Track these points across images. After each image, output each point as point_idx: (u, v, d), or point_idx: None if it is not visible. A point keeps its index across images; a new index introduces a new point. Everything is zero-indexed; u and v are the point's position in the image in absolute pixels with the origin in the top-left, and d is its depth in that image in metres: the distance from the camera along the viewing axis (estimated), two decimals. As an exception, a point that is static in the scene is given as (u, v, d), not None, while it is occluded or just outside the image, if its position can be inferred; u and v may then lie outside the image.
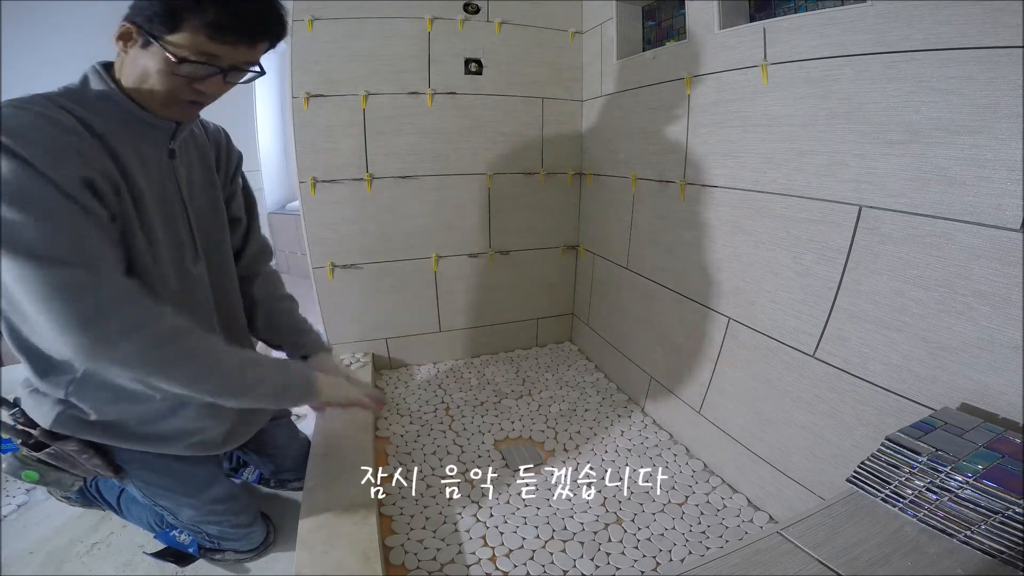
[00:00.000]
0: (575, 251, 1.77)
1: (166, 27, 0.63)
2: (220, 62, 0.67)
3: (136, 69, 0.67)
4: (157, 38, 0.64)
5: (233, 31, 0.65)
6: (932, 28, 0.66)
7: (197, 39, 0.64)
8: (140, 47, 0.66)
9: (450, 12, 1.42)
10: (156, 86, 0.67)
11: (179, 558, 0.93)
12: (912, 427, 0.61)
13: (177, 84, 0.68)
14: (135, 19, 0.65)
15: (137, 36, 0.65)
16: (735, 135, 1.01)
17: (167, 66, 0.65)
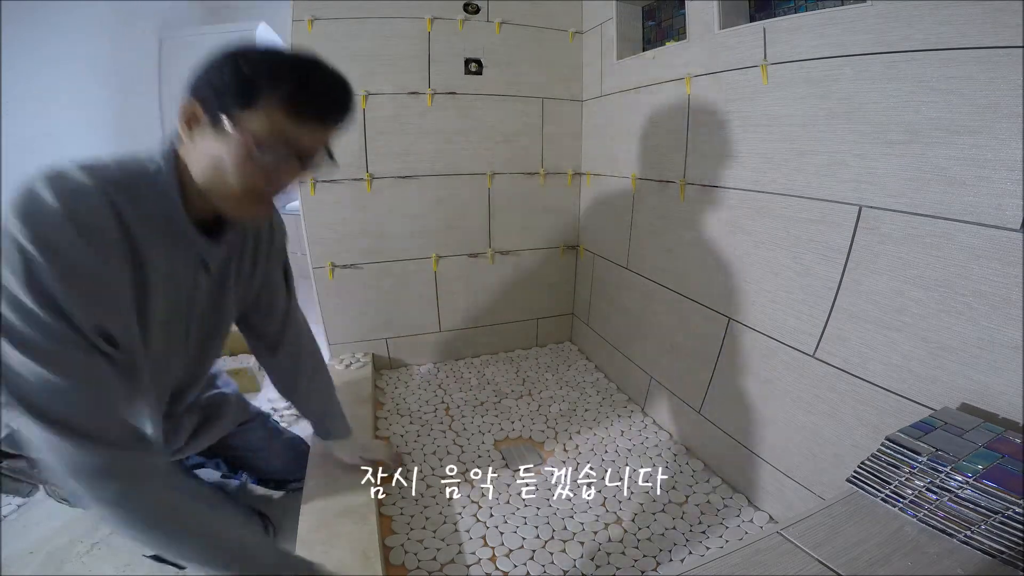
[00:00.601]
0: (575, 251, 1.77)
1: (239, 103, 0.56)
2: (298, 149, 0.60)
3: (205, 159, 0.60)
4: (230, 115, 0.57)
5: (312, 106, 0.59)
6: (932, 28, 0.66)
7: (275, 119, 0.57)
8: (210, 131, 0.58)
9: (450, 12, 1.42)
10: (232, 179, 0.59)
11: (179, 558, 0.93)
12: (912, 427, 0.61)
13: (254, 175, 0.60)
14: (202, 97, 0.58)
15: (205, 116, 0.58)
16: (735, 135, 1.01)
17: (245, 152, 0.58)
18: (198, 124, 0.59)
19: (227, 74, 0.56)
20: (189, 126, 0.59)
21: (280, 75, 0.57)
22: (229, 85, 0.56)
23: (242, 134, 0.57)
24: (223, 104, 0.57)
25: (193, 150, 0.60)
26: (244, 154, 0.58)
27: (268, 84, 0.56)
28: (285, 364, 0.96)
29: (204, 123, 0.58)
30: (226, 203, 0.63)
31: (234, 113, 0.57)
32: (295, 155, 0.61)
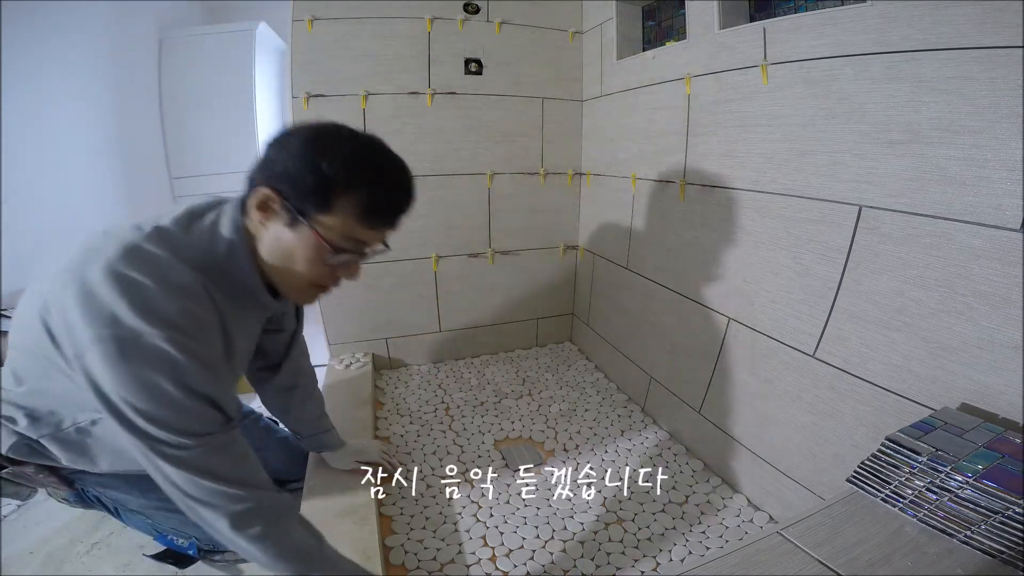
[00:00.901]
0: (575, 251, 1.77)
1: (317, 207, 0.59)
2: (363, 247, 0.65)
3: (279, 248, 0.62)
4: (308, 218, 0.59)
5: (384, 213, 0.64)
6: (932, 28, 0.66)
7: (347, 223, 0.61)
8: (284, 224, 0.61)
9: (450, 12, 1.42)
10: (302, 271, 0.63)
11: (178, 559, 0.93)
12: (912, 427, 0.61)
13: (323, 271, 0.64)
14: (279, 188, 0.59)
15: (281, 210, 0.60)
16: (735, 135, 1.00)
17: (318, 252, 0.61)
18: (273, 213, 0.61)
19: (307, 174, 0.58)
20: (264, 213, 0.61)
21: (358, 182, 0.60)
22: (310, 187, 0.58)
23: (317, 237, 0.60)
24: (301, 204, 0.59)
25: (266, 234, 0.63)
26: (317, 255, 0.61)
27: (346, 191, 0.59)
28: (284, 382, 0.97)
29: (279, 214, 0.60)
30: (289, 289, 0.68)
31: (311, 214, 0.59)
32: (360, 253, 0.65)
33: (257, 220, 0.62)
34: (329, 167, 0.58)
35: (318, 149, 0.59)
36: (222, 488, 0.58)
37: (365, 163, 0.61)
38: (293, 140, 0.61)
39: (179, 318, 0.55)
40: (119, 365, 0.52)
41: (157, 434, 0.55)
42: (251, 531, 0.60)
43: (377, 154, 0.64)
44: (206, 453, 0.58)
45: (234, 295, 0.64)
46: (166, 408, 0.54)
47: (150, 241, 0.58)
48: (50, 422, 0.70)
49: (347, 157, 0.60)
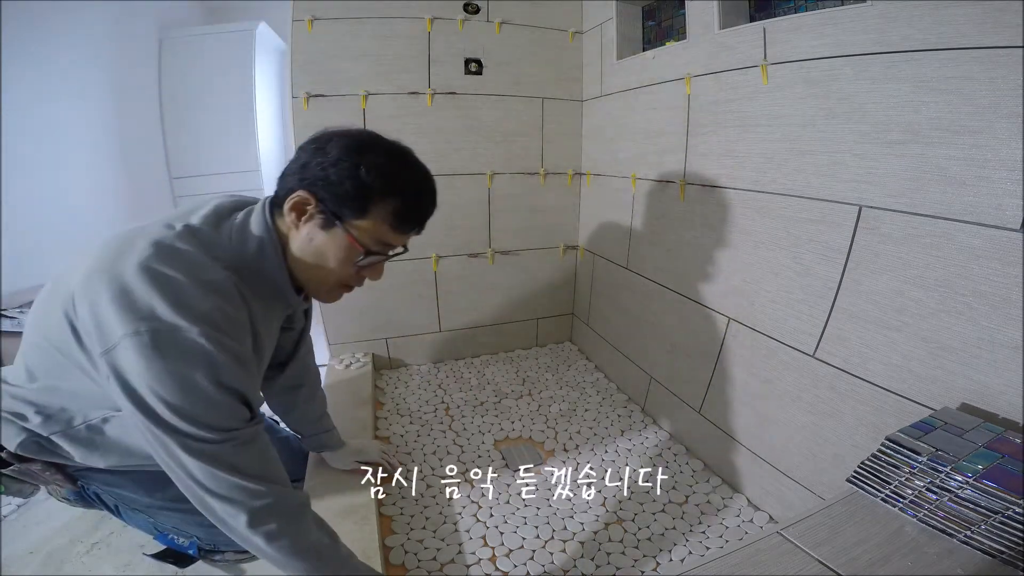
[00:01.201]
0: (575, 251, 1.77)
1: (354, 212, 0.63)
2: (389, 249, 0.68)
3: (311, 248, 0.65)
4: (343, 222, 0.63)
5: (413, 220, 0.67)
6: (932, 28, 0.66)
7: (380, 228, 0.64)
8: (319, 226, 0.64)
9: (450, 12, 1.42)
10: (331, 271, 0.67)
11: (179, 559, 0.93)
12: (912, 427, 0.61)
13: (350, 271, 0.68)
14: (317, 193, 0.62)
15: (316, 213, 0.63)
16: (735, 135, 1.01)
17: (350, 254, 0.65)
18: (308, 216, 0.64)
19: (347, 181, 0.61)
20: (298, 215, 0.64)
21: (394, 191, 0.64)
22: (349, 194, 0.62)
23: (352, 240, 0.64)
24: (338, 208, 0.63)
25: (297, 235, 0.65)
26: (348, 257, 0.65)
27: (382, 199, 0.63)
28: (290, 381, 0.97)
29: (314, 216, 0.63)
30: (317, 287, 0.71)
31: (347, 219, 0.63)
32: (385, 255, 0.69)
33: (291, 221, 0.64)
34: (368, 175, 0.62)
35: (358, 158, 0.62)
36: (243, 483, 0.59)
37: (401, 173, 0.65)
38: (332, 147, 0.63)
39: (214, 314, 0.56)
40: (155, 359, 0.53)
41: (184, 428, 0.56)
42: (267, 528, 0.61)
43: (411, 164, 0.67)
44: (232, 448, 0.58)
45: (262, 293, 0.66)
46: (198, 402, 0.55)
47: (181, 239, 0.60)
48: (61, 419, 0.70)
49: (385, 167, 0.63)
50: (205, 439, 0.57)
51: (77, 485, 0.85)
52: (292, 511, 0.64)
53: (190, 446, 0.57)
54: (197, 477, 0.58)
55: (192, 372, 0.54)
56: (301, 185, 0.63)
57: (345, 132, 0.66)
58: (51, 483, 0.82)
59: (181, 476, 0.59)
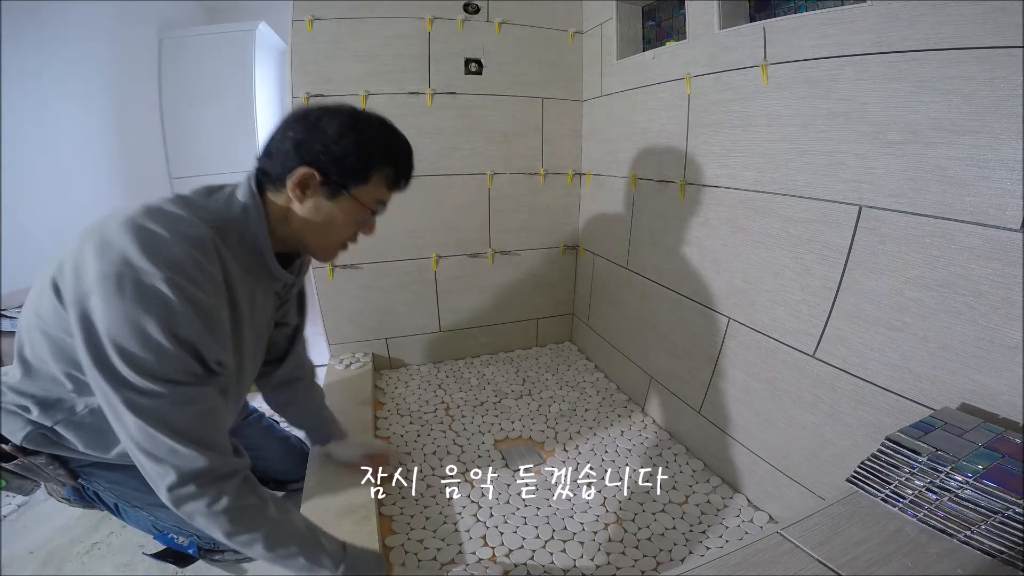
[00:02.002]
0: (575, 251, 1.77)
1: (357, 180, 0.69)
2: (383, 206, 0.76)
3: (319, 217, 0.70)
4: (349, 190, 0.69)
5: (405, 177, 0.75)
6: (932, 28, 0.66)
7: (379, 190, 0.72)
8: (324, 197, 0.69)
9: (450, 12, 1.42)
10: (339, 234, 0.74)
11: (179, 559, 0.93)
12: (912, 427, 0.61)
13: (354, 231, 0.75)
14: (319, 167, 0.67)
15: (322, 185, 0.68)
16: (735, 135, 1.00)
17: (356, 216, 0.72)
18: (312, 189, 0.69)
19: (351, 155, 0.68)
20: (302, 189, 0.68)
21: (390, 158, 0.72)
22: (354, 166, 0.68)
23: (358, 204, 0.71)
24: (343, 179, 0.69)
25: (302, 208, 0.70)
26: (356, 219, 0.73)
27: (381, 165, 0.71)
28: (286, 376, 0.99)
29: (318, 190, 0.69)
30: (322, 250, 0.76)
31: (352, 187, 0.70)
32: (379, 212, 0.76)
33: (294, 195, 0.69)
34: (368, 148, 0.69)
35: (357, 134, 0.68)
36: (176, 446, 0.59)
37: (393, 143, 0.73)
38: (327, 125, 0.68)
39: (184, 262, 0.58)
40: (115, 301, 0.54)
41: (130, 377, 0.56)
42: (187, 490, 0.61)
43: (397, 132, 0.75)
44: (170, 404, 0.59)
45: (244, 258, 0.69)
46: (147, 349, 0.56)
47: (169, 203, 0.64)
48: (63, 407, 0.72)
49: (381, 139, 0.71)
50: (147, 391, 0.57)
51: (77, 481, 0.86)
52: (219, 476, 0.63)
53: (133, 401, 0.57)
54: (135, 436, 0.59)
55: (145, 316, 0.55)
56: (303, 162, 0.67)
57: (330, 109, 0.70)
58: (53, 479, 0.83)
59: (124, 436, 0.60)
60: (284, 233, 0.72)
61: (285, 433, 1.17)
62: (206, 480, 0.62)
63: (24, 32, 1.80)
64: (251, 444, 1.08)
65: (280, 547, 0.68)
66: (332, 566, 0.71)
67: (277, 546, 0.67)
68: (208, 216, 0.65)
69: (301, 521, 0.73)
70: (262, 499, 0.68)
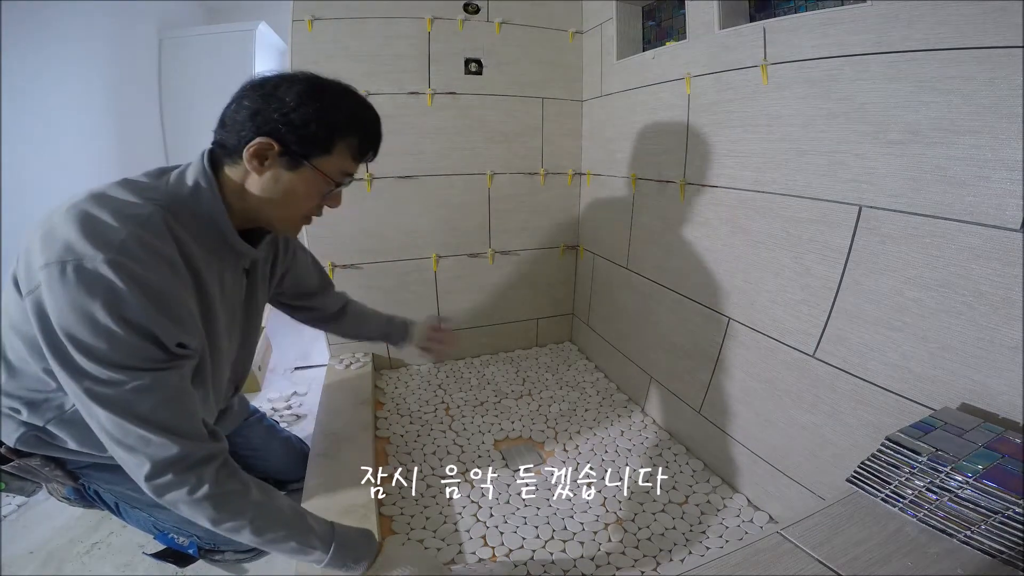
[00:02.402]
0: (575, 251, 1.77)
1: (320, 150, 0.66)
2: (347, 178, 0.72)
3: (278, 188, 0.67)
4: (311, 161, 0.66)
5: (372, 148, 0.72)
6: (932, 28, 0.66)
7: (344, 161, 0.68)
8: (284, 167, 0.66)
9: (450, 12, 1.42)
10: (301, 206, 0.70)
11: (179, 558, 0.93)
12: (912, 427, 0.61)
13: (317, 203, 0.71)
14: (278, 137, 0.64)
15: (281, 156, 0.65)
16: (735, 135, 1.00)
17: (319, 188, 0.68)
18: (271, 160, 0.65)
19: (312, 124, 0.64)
20: (260, 160, 0.65)
21: (355, 129, 0.68)
22: (316, 135, 0.65)
23: (320, 175, 0.67)
24: (304, 149, 0.65)
25: (259, 180, 0.66)
26: (319, 190, 0.69)
27: (345, 134, 0.67)
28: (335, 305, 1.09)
29: (277, 160, 0.65)
30: (284, 223, 0.73)
31: (314, 157, 0.66)
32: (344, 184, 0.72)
33: (252, 167, 0.65)
34: (331, 117, 0.66)
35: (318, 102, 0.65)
36: (147, 434, 0.58)
37: (358, 111, 0.70)
38: (285, 93, 0.64)
39: (127, 242, 0.55)
40: (60, 291, 0.53)
41: (87, 367, 0.55)
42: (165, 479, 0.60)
43: (362, 101, 0.71)
44: (133, 392, 0.57)
45: (202, 235, 0.66)
46: (98, 337, 0.54)
47: (115, 187, 0.62)
48: (51, 406, 0.72)
49: (345, 107, 0.68)
50: (109, 380, 0.56)
51: (77, 482, 0.86)
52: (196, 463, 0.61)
53: (95, 391, 0.56)
54: (106, 427, 0.58)
55: (92, 304, 0.53)
56: (260, 132, 0.63)
57: (288, 76, 0.67)
58: (52, 480, 0.83)
59: (97, 428, 0.59)
60: (243, 207, 0.69)
61: (286, 434, 1.17)
62: (182, 467, 0.60)
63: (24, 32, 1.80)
64: (253, 445, 1.09)
65: (268, 531, 0.66)
66: (323, 547, 0.69)
67: (265, 531, 0.66)
68: (157, 196, 0.62)
69: (287, 503, 0.71)
70: (244, 484, 0.67)
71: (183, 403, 0.62)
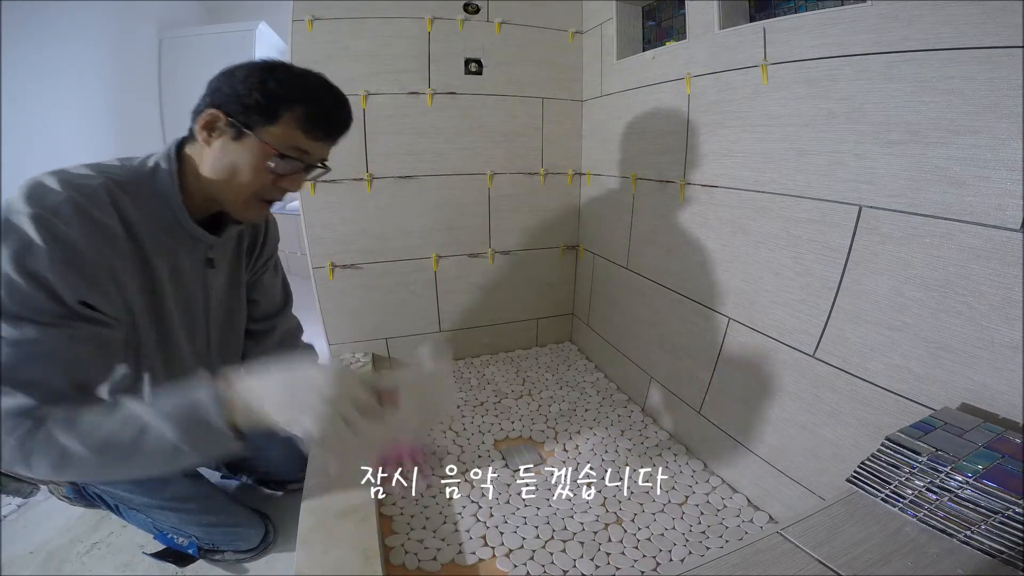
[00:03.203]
0: (575, 251, 1.77)
1: (264, 119, 0.65)
2: (307, 158, 0.70)
3: (224, 161, 0.66)
4: (254, 130, 0.65)
5: (324, 125, 0.69)
6: (932, 28, 0.66)
7: (292, 133, 0.66)
8: (230, 139, 0.66)
9: (450, 12, 1.42)
10: (245, 181, 0.67)
11: (179, 558, 0.93)
12: (912, 427, 0.61)
13: (265, 180, 0.68)
14: (226, 108, 0.65)
15: (227, 127, 0.65)
16: (735, 135, 1.01)
17: (262, 160, 0.66)
18: (218, 132, 0.66)
19: (255, 92, 0.64)
20: (208, 132, 0.66)
21: (302, 97, 0.66)
22: (258, 102, 0.64)
23: (263, 145, 0.65)
24: (248, 118, 0.65)
25: (210, 152, 0.67)
26: (262, 162, 0.66)
27: (290, 104, 0.65)
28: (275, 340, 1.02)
29: (224, 131, 0.66)
30: (234, 204, 0.71)
31: (257, 126, 0.65)
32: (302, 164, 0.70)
33: (202, 140, 0.66)
34: (276, 84, 0.65)
35: (266, 73, 0.66)
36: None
37: (308, 81, 0.69)
38: (239, 70, 0.67)
39: (61, 205, 0.57)
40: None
41: None
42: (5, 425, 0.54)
43: (317, 77, 0.70)
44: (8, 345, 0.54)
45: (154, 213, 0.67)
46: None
47: (80, 166, 0.64)
48: None
49: (291, 78, 0.67)
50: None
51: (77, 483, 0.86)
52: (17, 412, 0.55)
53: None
54: None
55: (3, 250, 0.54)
56: (211, 105, 0.66)
57: (252, 61, 0.69)
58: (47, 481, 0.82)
59: None
60: (199, 189, 0.69)
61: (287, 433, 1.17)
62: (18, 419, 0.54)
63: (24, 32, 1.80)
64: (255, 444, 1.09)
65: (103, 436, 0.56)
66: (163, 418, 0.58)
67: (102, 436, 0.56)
68: (113, 172, 0.64)
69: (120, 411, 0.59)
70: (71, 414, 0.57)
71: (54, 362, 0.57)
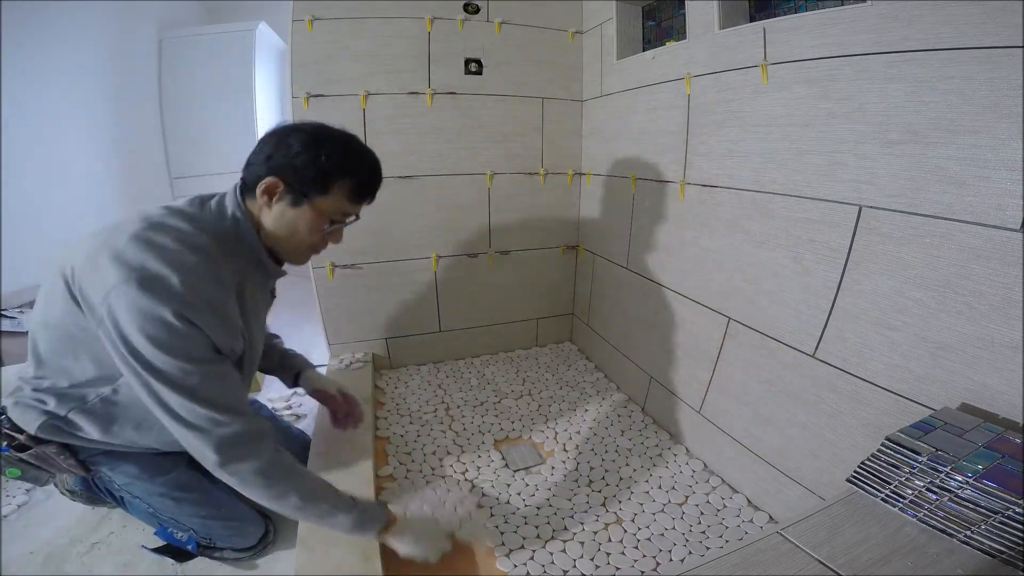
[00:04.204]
0: (575, 251, 1.77)
1: (318, 191, 0.77)
2: (348, 217, 0.83)
3: (283, 221, 0.78)
4: (309, 199, 0.77)
5: (366, 193, 0.83)
6: (932, 28, 0.66)
7: (339, 202, 0.79)
8: (288, 204, 0.77)
9: (450, 12, 1.42)
10: (304, 239, 0.80)
11: (178, 555, 0.93)
12: (912, 427, 0.61)
13: (319, 239, 0.82)
14: (285, 178, 0.75)
15: (286, 194, 0.76)
16: (735, 135, 1.00)
17: (318, 224, 0.79)
18: (279, 196, 0.77)
19: (310, 166, 0.75)
20: (269, 196, 0.77)
21: (349, 172, 0.78)
22: (313, 177, 0.76)
23: (318, 213, 0.78)
24: (304, 189, 0.76)
25: (270, 212, 0.78)
26: (317, 226, 0.80)
27: (340, 179, 0.78)
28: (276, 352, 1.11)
29: (284, 197, 0.77)
30: (291, 254, 0.84)
31: (313, 195, 0.77)
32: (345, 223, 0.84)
33: (262, 202, 0.77)
34: (326, 163, 0.76)
35: (317, 149, 0.76)
36: (211, 414, 0.68)
37: (352, 159, 0.79)
38: (293, 140, 0.76)
39: (196, 268, 0.68)
40: (139, 298, 0.63)
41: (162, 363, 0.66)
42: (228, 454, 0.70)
43: (359, 149, 0.81)
44: (200, 380, 0.68)
45: (243, 258, 0.79)
46: (172, 335, 0.65)
47: (169, 216, 0.73)
48: (75, 397, 0.79)
49: (339, 155, 0.78)
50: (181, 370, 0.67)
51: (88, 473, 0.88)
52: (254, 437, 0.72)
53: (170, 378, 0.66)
54: (175, 409, 0.68)
55: (165, 308, 0.64)
56: (270, 172, 0.75)
57: (300, 126, 0.79)
58: (65, 469, 0.88)
59: (164, 414, 0.69)
60: (264, 237, 0.81)
61: (286, 423, 1.19)
62: (243, 441, 0.71)
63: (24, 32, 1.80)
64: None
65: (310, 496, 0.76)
66: (347, 510, 0.78)
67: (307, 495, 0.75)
68: (206, 227, 0.74)
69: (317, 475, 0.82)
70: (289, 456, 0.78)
71: (237, 387, 0.75)
